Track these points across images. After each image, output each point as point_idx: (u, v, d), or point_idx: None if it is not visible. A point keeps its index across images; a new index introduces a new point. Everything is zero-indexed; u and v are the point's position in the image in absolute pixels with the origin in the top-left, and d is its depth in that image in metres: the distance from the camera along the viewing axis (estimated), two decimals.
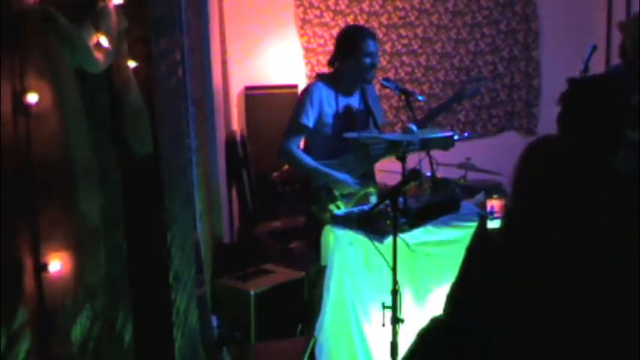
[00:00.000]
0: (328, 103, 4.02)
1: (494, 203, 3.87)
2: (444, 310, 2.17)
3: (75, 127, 1.49)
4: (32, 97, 1.38)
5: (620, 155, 2.41)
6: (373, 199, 3.96)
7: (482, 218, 2.86)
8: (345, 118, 4.06)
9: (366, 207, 3.75)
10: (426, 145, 3.79)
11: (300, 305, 4.35)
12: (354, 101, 4.11)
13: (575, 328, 1.98)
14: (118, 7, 2.04)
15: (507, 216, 2.35)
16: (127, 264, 2.42)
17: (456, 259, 2.20)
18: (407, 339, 3.10)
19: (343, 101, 4.07)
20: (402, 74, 6.38)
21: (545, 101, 6.49)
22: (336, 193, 3.96)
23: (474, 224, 3.50)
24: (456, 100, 4.72)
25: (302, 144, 4.14)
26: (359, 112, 4.12)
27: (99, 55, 1.76)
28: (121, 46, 2.10)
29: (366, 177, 4.14)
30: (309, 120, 3.98)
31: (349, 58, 3.98)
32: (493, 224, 2.97)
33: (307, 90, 4.09)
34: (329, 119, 4.02)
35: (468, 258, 2.20)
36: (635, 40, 3.75)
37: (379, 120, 4.24)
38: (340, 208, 3.94)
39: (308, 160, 3.99)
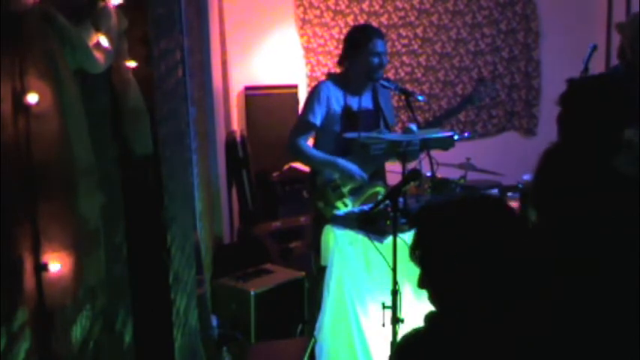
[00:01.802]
0: (337, 102, 4.04)
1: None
2: None
3: (75, 127, 1.49)
4: (32, 97, 1.38)
5: (620, 156, 2.41)
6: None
7: None
8: (353, 117, 4.06)
9: (366, 207, 3.75)
10: (426, 145, 3.79)
11: (300, 305, 4.35)
12: (364, 100, 4.12)
13: (578, 329, 1.99)
14: (118, 7, 2.04)
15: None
16: (127, 264, 2.42)
17: None
18: None
19: (351, 100, 4.07)
20: (402, 74, 6.38)
21: (545, 101, 6.49)
22: (344, 189, 3.96)
23: None
24: (466, 105, 4.68)
25: (311, 142, 4.16)
26: (368, 111, 4.12)
27: (99, 56, 1.76)
28: (120, 46, 2.10)
29: (377, 176, 4.13)
30: (317, 118, 4.00)
31: (357, 57, 4.00)
32: None
33: (315, 88, 4.12)
34: (337, 118, 4.03)
35: None
36: (635, 41, 3.74)
37: (390, 121, 4.24)
38: (347, 205, 3.94)
39: (315, 152, 4.03)
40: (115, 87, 2.19)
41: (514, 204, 3.85)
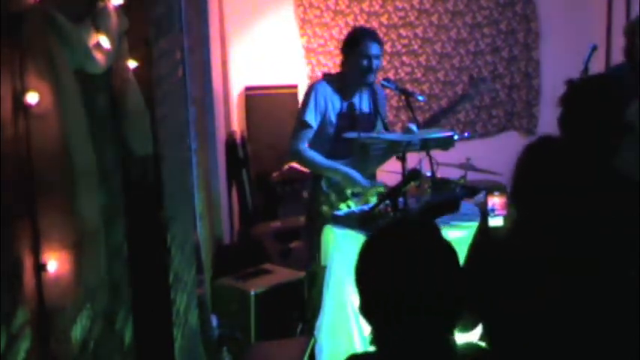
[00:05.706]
0: (332, 102, 4.03)
1: (496, 201, 3.86)
2: None
3: (75, 127, 1.49)
4: (32, 97, 1.38)
5: (620, 156, 2.41)
6: None
7: (483, 215, 2.86)
8: (349, 118, 4.05)
9: (366, 207, 3.75)
10: (426, 145, 3.79)
11: (300, 305, 4.35)
12: (360, 102, 4.11)
13: (577, 329, 1.99)
14: (118, 7, 2.04)
15: (511, 218, 2.36)
16: (127, 264, 2.42)
17: None
18: None
19: (348, 101, 4.07)
20: (402, 74, 6.37)
21: (545, 101, 6.48)
22: (348, 192, 3.96)
23: (475, 224, 3.50)
24: (460, 103, 4.68)
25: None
26: (364, 113, 4.12)
27: (99, 56, 1.76)
28: (121, 46, 2.10)
29: (371, 177, 4.13)
30: (314, 120, 3.99)
31: (349, 59, 3.99)
32: (495, 221, 2.96)
33: (311, 89, 4.10)
34: (333, 118, 4.02)
35: (471, 254, 2.20)
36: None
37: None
38: (351, 207, 3.93)
39: (319, 158, 3.99)
40: (115, 87, 2.19)
41: (502, 199, 3.85)
